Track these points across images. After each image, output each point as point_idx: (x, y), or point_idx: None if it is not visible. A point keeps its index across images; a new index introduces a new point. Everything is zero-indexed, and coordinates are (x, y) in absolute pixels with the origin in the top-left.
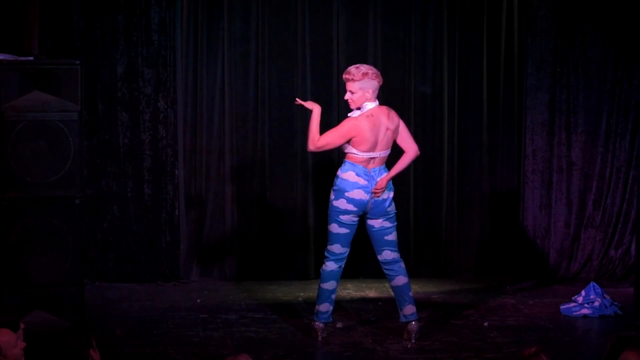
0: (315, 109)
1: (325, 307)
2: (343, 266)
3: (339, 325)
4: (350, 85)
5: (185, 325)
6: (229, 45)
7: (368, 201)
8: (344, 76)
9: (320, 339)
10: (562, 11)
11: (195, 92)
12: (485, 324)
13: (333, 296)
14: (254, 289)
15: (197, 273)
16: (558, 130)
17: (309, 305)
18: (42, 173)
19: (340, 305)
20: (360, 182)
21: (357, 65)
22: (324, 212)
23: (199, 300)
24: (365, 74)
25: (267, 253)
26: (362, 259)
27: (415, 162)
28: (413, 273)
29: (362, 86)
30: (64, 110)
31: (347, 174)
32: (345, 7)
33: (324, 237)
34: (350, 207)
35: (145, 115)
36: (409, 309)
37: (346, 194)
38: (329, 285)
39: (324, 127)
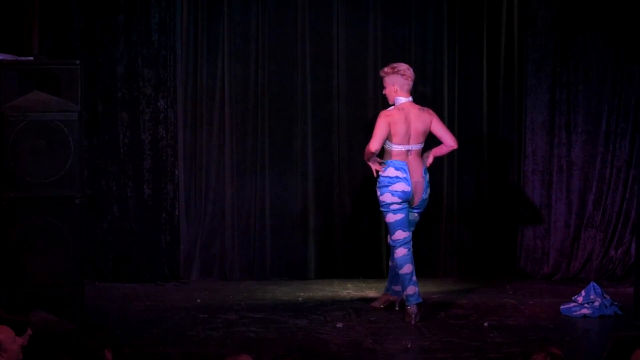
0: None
1: (411, 289)
2: (411, 249)
3: (339, 325)
4: (383, 81)
5: (185, 325)
6: (229, 45)
7: (411, 192)
8: (380, 73)
9: (413, 322)
10: (562, 11)
11: (195, 92)
12: (485, 324)
13: (414, 278)
14: (254, 289)
15: (197, 273)
16: (558, 130)
17: (309, 305)
18: (42, 173)
19: (341, 305)
20: (400, 175)
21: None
22: (324, 212)
23: (199, 300)
24: (393, 68)
25: (267, 253)
26: (362, 259)
27: None
28: None
29: (389, 81)
30: (64, 110)
31: (387, 171)
32: (345, 7)
33: (324, 237)
34: (396, 199)
35: (145, 115)
36: (399, 287)
37: (390, 187)
38: (407, 269)
39: (325, 128)
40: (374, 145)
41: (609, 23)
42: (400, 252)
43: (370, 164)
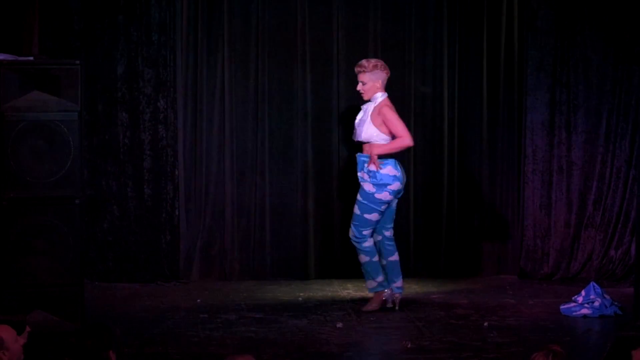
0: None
1: (382, 276)
2: None
3: (339, 325)
4: (362, 77)
5: (185, 325)
6: (229, 45)
7: (402, 189)
8: (356, 69)
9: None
10: (562, 11)
11: (195, 92)
12: (485, 324)
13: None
14: (254, 289)
15: (197, 273)
16: (558, 130)
17: (309, 305)
18: (42, 173)
19: (341, 305)
20: (397, 174)
21: (367, 58)
22: (324, 212)
23: (199, 300)
24: (375, 66)
25: (267, 253)
26: None
27: (415, 161)
28: (413, 273)
29: (372, 77)
30: (64, 110)
31: (387, 169)
32: (345, 7)
33: (324, 237)
34: (391, 198)
35: (145, 115)
36: (400, 282)
37: (389, 187)
38: (377, 257)
39: (325, 128)
40: (410, 139)
41: (609, 23)
42: (370, 242)
43: (375, 159)
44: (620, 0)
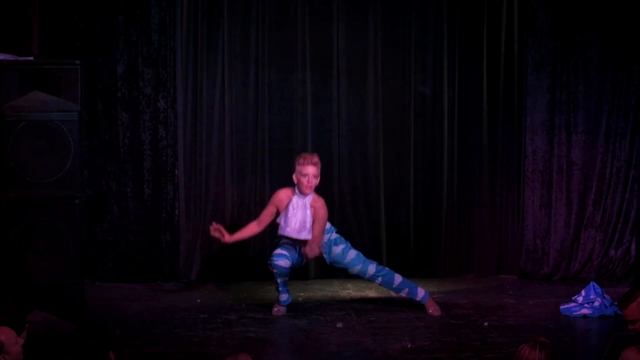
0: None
1: None
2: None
3: (339, 325)
4: (318, 170)
5: (185, 325)
6: (229, 45)
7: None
8: (313, 160)
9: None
10: (562, 11)
11: (195, 92)
12: (485, 324)
13: None
14: (254, 289)
15: (197, 273)
16: (558, 130)
17: (309, 305)
18: (42, 173)
19: (341, 305)
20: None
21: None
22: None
23: (199, 300)
24: None
25: (267, 253)
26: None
27: (415, 161)
28: (413, 273)
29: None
30: (64, 110)
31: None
32: (345, 7)
33: None
34: (328, 236)
35: (145, 115)
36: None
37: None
38: None
39: (325, 128)
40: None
41: (609, 23)
42: None
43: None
44: (620, 0)
